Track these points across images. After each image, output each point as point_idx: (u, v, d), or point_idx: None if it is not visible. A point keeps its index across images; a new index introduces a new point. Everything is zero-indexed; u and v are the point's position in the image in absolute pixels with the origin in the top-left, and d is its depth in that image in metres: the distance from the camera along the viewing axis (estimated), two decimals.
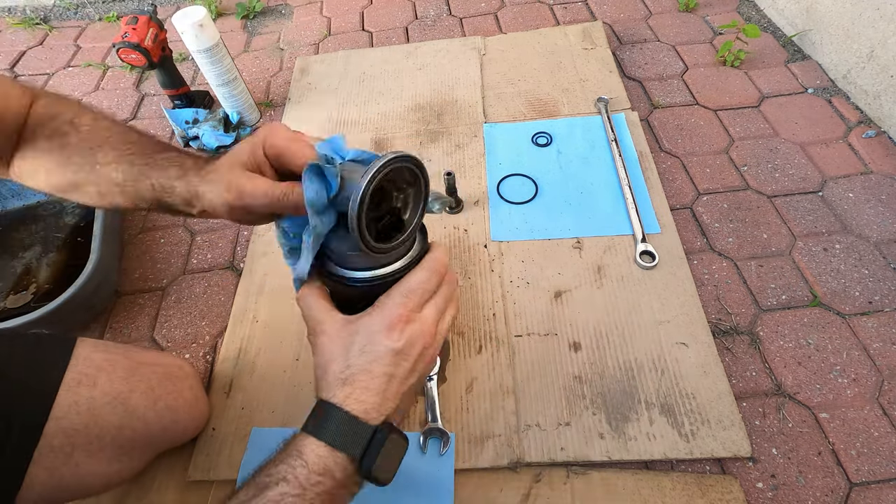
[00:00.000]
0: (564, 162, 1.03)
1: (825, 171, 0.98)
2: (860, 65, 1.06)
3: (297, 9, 1.56)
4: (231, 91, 1.12)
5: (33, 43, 1.53)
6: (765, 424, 0.71)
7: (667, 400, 0.72)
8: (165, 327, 0.89)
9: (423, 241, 0.45)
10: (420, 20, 1.44)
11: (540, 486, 0.67)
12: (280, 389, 0.78)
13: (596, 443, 0.70)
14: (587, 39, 1.27)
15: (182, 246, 1.00)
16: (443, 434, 0.71)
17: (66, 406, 0.53)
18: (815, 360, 0.76)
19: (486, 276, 0.88)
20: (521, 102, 1.15)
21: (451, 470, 0.68)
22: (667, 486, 0.66)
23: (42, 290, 0.94)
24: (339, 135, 0.42)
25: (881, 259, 0.86)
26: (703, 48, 1.25)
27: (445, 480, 0.67)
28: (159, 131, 1.22)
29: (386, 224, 0.40)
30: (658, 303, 0.82)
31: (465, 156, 1.06)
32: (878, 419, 0.71)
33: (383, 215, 0.40)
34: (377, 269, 0.42)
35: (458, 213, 0.97)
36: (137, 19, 1.04)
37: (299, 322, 0.85)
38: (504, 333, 0.81)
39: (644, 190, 0.96)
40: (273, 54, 1.40)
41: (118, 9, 1.63)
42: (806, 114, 1.08)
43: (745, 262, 0.87)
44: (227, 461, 0.72)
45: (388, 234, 0.40)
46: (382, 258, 0.41)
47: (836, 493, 0.66)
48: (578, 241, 0.90)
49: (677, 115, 1.11)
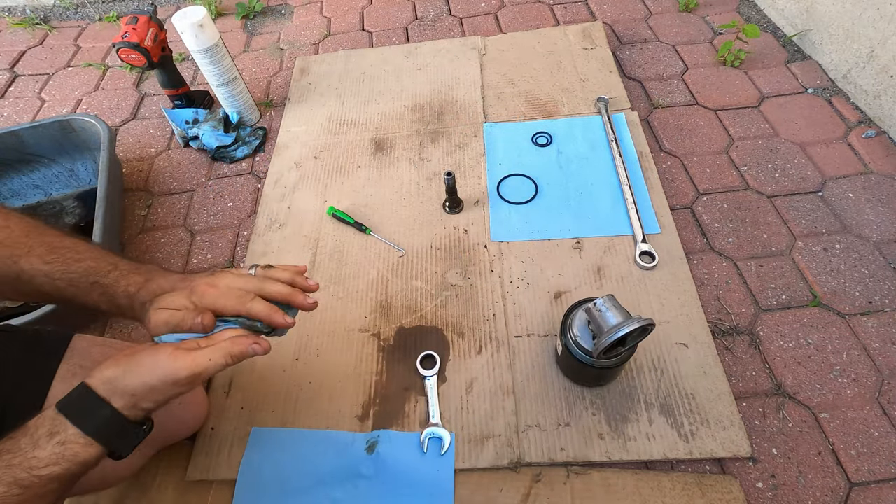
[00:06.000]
0: (564, 162, 1.03)
1: (825, 171, 0.98)
2: (860, 65, 1.06)
3: (297, 9, 1.56)
4: (231, 91, 1.12)
5: (33, 43, 1.53)
6: (765, 424, 0.71)
7: (666, 400, 0.72)
8: None
9: (632, 350, 0.67)
10: (420, 20, 1.44)
11: (540, 486, 0.67)
12: (279, 389, 0.78)
13: (596, 443, 0.70)
14: (587, 39, 1.27)
15: (182, 246, 1.00)
16: (443, 434, 0.71)
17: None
18: (815, 360, 0.76)
19: (486, 276, 0.88)
20: (521, 102, 1.15)
21: (451, 470, 0.68)
22: (667, 486, 0.66)
23: None
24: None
25: (881, 259, 0.86)
26: (703, 48, 1.25)
27: (445, 480, 0.68)
28: (159, 131, 1.22)
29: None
30: (658, 303, 0.82)
31: (465, 156, 1.06)
32: (878, 419, 0.71)
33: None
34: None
35: (458, 213, 0.97)
36: (137, 19, 1.04)
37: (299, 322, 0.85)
38: (504, 334, 0.81)
39: (644, 190, 0.96)
40: (273, 54, 1.40)
41: (118, 9, 1.63)
42: (806, 114, 1.08)
43: (745, 262, 0.87)
44: (226, 461, 0.72)
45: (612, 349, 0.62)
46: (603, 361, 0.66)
47: (836, 492, 0.66)
48: (578, 242, 0.90)
49: (677, 115, 1.11)
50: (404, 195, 1.01)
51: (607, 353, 0.62)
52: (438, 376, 0.77)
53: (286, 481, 0.69)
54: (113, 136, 1.01)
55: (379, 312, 0.85)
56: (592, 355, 0.64)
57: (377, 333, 0.83)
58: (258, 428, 0.74)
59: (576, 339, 0.66)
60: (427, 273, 0.89)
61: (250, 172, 1.11)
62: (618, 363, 0.66)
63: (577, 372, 0.73)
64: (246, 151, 1.14)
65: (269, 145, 1.16)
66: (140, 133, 1.23)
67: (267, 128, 1.19)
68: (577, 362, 0.67)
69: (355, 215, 0.97)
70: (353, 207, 1.00)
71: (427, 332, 0.82)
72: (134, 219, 1.06)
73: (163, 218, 1.05)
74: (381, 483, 0.68)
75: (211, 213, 1.05)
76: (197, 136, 1.14)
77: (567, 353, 0.68)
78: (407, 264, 0.91)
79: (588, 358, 0.65)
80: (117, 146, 1.17)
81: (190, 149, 1.17)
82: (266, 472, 0.70)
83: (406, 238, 0.94)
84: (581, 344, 0.65)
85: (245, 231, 1.01)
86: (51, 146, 1.05)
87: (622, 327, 0.58)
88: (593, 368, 0.67)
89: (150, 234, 1.03)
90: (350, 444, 0.72)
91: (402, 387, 0.77)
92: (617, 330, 0.58)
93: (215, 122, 1.13)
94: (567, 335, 0.67)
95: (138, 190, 1.11)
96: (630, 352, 0.65)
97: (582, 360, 0.66)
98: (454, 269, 0.89)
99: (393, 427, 0.73)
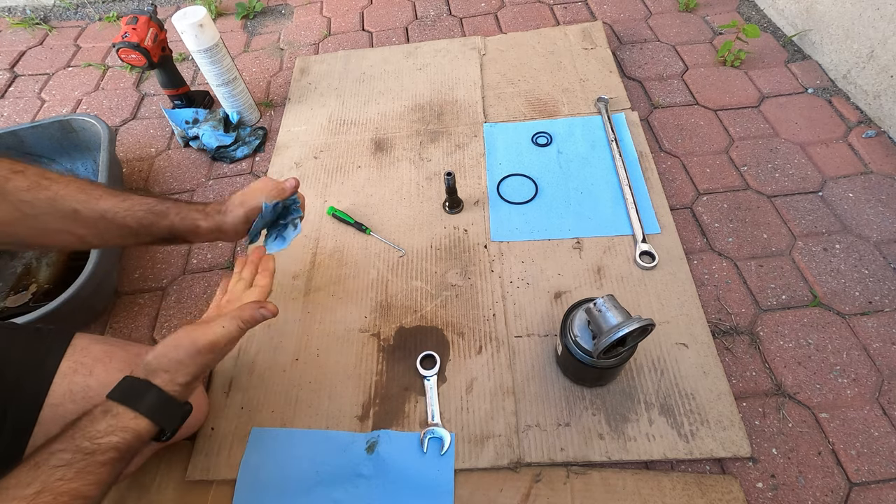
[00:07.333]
0: (564, 162, 1.03)
1: (825, 171, 0.98)
2: (860, 65, 1.06)
3: (297, 9, 1.56)
4: (231, 91, 1.12)
5: (33, 43, 1.53)
6: (765, 424, 0.71)
7: (666, 400, 0.72)
8: (165, 327, 0.89)
9: (632, 350, 0.67)
10: (420, 20, 1.44)
11: (540, 486, 0.67)
12: (279, 389, 0.78)
13: (595, 443, 0.70)
14: (587, 39, 1.27)
15: (182, 246, 1.00)
16: (443, 434, 0.71)
17: (62, 394, 0.54)
18: (815, 360, 0.76)
19: (486, 276, 0.88)
20: (521, 102, 1.15)
21: (451, 470, 0.68)
22: (667, 485, 0.66)
23: (42, 290, 0.94)
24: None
25: (881, 259, 0.86)
26: (703, 48, 1.25)
27: (445, 480, 0.68)
28: (159, 131, 1.22)
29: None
30: (658, 303, 0.82)
31: (465, 156, 1.06)
32: (878, 419, 0.71)
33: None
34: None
35: (458, 214, 0.97)
36: (137, 19, 1.04)
37: (299, 322, 0.85)
38: (504, 334, 0.81)
39: (644, 190, 0.96)
40: (273, 54, 1.40)
41: (118, 9, 1.63)
42: (806, 114, 1.08)
43: (745, 262, 0.87)
44: (226, 461, 0.72)
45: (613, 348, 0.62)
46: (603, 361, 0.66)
47: (836, 492, 0.65)
48: (578, 242, 0.90)
49: (677, 115, 1.11)
50: (404, 195, 1.01)
51: (607, 353, 0.62)
52: (438, 376, 0.77)
53: (286, 481, 0.69)
54: (113, 137, 1.01)
55: (379, 312, 0.85)
56: (592, 355, 0.64)
57: (377, 333, 0.83)
58: (258, 428, 0.74)
59: (576, 339, 0.66)
60: (427, 273, 0.89)
61: (250, 172, 1.11)
62: (618, 363, 0.66)
63: (577, 372, 0.73)
64: (246, 151, 1.14)
65: (269, 145, 1.16)
66: (140, 133, 1.23)
67: (267, 128, 1.19)
68: (577, 362, 0.67)
69: (355, 215, 0.97)
70: (353, 207, 1.00)
71: (427, 332, 0.82)
72: None
73: None
74: (380, 483, 0.68)
75: None
76: (197, 136, 1.14)
77: (567, 353, 0.68)
78: (407, 264, 0.91)
79: (588, 358, 0.65)
80: (117, 146, 1.17)
81: (190, 149, 1.17)
82: (266, 472, 0.70)
83: (406, 238, 0.94)
84: (581, 344, 0.65)
85: None
86: (51, 146, 1.05)
87: (622, 327, 0.58)
88: (593, 368, 0.67)
89: None
90: (350, 444, 0.72)
91: (402, 387, 0.77)
92: (617, 330, 0.58)
93: (215, 122, 1.13)
94: (567, 335, 0.67)
95: (138, 190, 1.11)
96: (630, 352, 0.65)
97: (582, 360, 0.66)
98: (454, 269, 0.89)
99: (393, 427, 0.73)
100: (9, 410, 0.52)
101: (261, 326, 0.85)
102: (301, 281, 0.90)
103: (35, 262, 0.98)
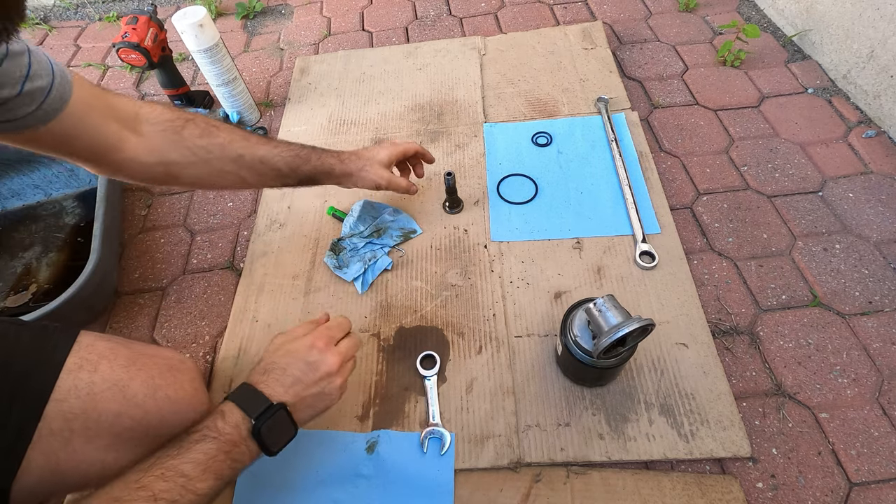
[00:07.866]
0: (564, 162, 1.03)
1: (825, 171, 0.98)
2: (860, 65, 1.06)
3: (297, 9, 1.56)
4: (231, 91, 1.12)
5: (33, 43, 1.53)
6: (765, 424, 0.71)
7: (666, 400, 0.72)
8: (165, 327, 0.89)
9: (632, 350, 0.67)
10: (420, 20, 1.44)
11: (540, 486, 0.67)
12: None
13: (595, 443, 0.70)
14: (587, 39, 1.27)
15: (182, 246, 1.00)
16: (443, 434, 0.71)
17: (66, 389, 0.54)
18: (815, 360, 0.76)
19: (486, 276, 0.88)
20: (521, 102, 1.15)
21: (451, 470, 0.68)
22: (667, 486, 0.66)
23: (42, 289, 0.94)
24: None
25: (881, 259, 0.86)
26: (703, 48, 1.25)
27: (445, 480, 0.68)
28: None
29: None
30: (658, 303, 0.82)
31: (465, 156, 1.06)
32: (878, 419, 0.71)
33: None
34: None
35: (458, 214, 0.97)
36: (137, 19, 1.04)
37: (299, 322, 0.85)
38: (504, 334, 0.81)
39: (644, 190, 0.96)
40: (273, 54, 1.40)
41: (118, 9, 1.63)
42: (806, 114, 1.08)
43: (745, 262, 0.87)
44: None
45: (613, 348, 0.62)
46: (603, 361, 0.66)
47: (836, 493, 0.66)
48: (578, 242, 0.90)
49: (677, 115, 1.11)
50: (404, 195, 1.01)
51: (607, 353, 0.62)
52: (438, 376, 0.77)
53: (286, 481, 0.69)
54: None
55: (379, 312, 0.85)
56: (592, 355, 0.64)
57: (377, 333, 0.83)
58: None
59: (576, 339, 0.66)
60: (427, 273, 0.89)
61: None
62: (618, 363, 0.66)
63: (577, 372, 0.73)
64: None
65: None
66: None
67: (267, 128, 1.19)
68: (577, 362, 0.67)
69: None
70: None
71: (427, 332, 0.82)
72: (134, 219, 1.06)
73: (163, 218, 1.05)
74: (380, 483, 0.68)
75: (211, 213, 1.05)
76: None
77: (567, 353, 0.68)
78: (407, 264, 0.91)
79: (588, 358, 0.65)
80: None
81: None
82: (266, 471, 0.70)
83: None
84: (581, 344, 0.65)
85: (245, 231, 1.01)
86: None
87: (622, 327, 0.58)
88: (593, 368, 0.67)
89: (150, 234, 1.03)
90: (350, 444, 0.72)
91: (402, 387, 0.77)
92: (617, 330, 0.58)
93: None
94: (567, 335, 0.67)
95: (138, 190, 1.11)
96: (630, 352, 0.66)
97: (582, 360, 0.66)
98: (454, 269, 0.89)
99: (393, 427, 0.73)
100: (14, 404, 0.51)
101: (261, 327, 0.86)
102: (301, 281, 0.90)
103: (35, 262, 0.98)
